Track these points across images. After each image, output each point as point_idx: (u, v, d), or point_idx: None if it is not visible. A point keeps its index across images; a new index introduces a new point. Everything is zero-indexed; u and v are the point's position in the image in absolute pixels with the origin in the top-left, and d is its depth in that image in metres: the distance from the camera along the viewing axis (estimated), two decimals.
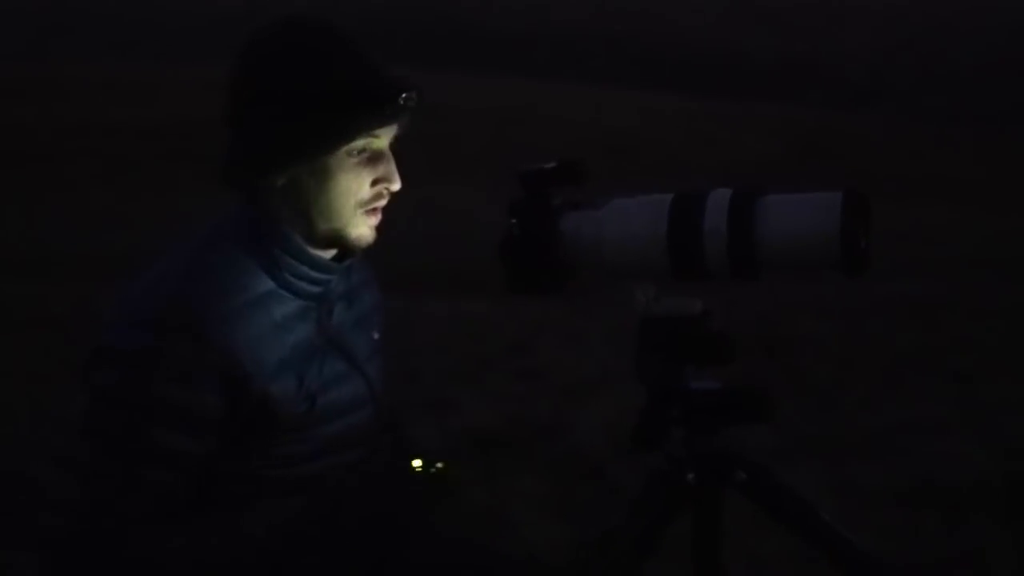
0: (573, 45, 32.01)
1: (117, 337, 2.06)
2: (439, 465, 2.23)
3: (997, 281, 9.29)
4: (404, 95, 2.09)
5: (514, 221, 2.06)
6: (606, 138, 18.33)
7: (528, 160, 2.12)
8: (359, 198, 2.12)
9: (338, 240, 2.15)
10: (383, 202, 2.16)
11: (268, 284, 2.11)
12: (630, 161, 16.78)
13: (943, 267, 10.20)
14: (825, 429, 5.59)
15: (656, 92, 23.72)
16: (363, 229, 2.14)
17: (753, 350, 6.33)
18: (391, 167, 2.14)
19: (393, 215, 2.18)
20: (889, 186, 13.31)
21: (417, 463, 2.22)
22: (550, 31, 33.24)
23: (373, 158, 2.12)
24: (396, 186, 2.15)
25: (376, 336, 2.31)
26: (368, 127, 2.09)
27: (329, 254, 2.18)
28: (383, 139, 2.13)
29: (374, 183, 2.13)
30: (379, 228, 2.18)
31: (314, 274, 2.15)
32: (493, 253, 2.09)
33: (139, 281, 2.12)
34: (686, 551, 2.09)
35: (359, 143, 2.10)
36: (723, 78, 28.01)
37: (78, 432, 2.07)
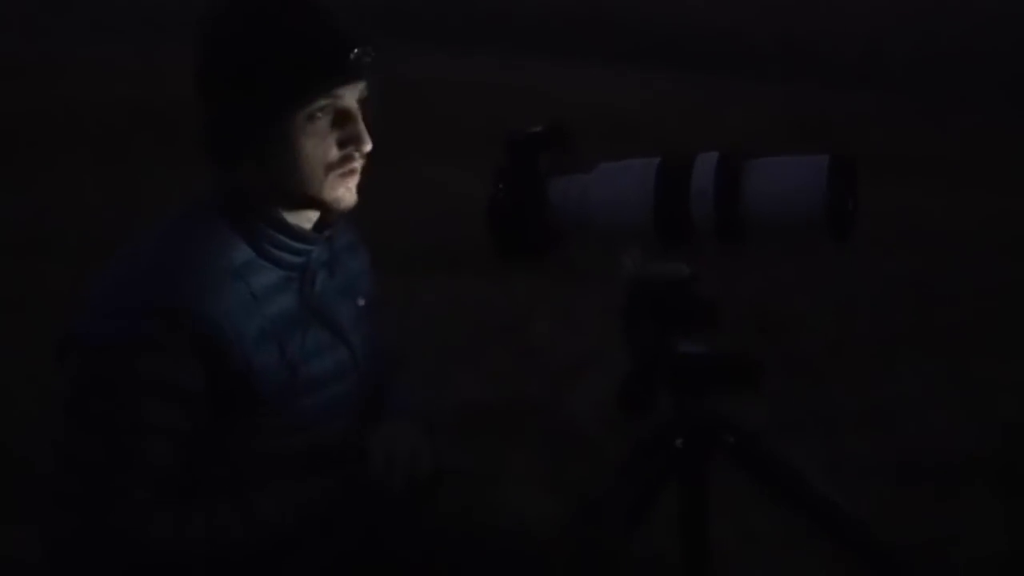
0: (571, 24, 31.91)
1: (96, 320, 2.05)
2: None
3: (992, 260, 9.30)
4: (356, 51, 2.04)
5: (501, 186, 2.06)
6: (604, 117, 18.28)
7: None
8: (327, 161, 2.09)
9: (316, 204, 2.13)
10: (356, 164, 2.12)
11: (248, 254, 2.11)
12: (627, 139, 16.75)
13: (937, 246, 10.20)
14: (818, 406, 5.60)
15: (654, 71, 23.66)
16: (339, 191, 2.12)
17: (746, 328, 6.34)
18: (358, 127, 2.10)
19: (389, 195, 2.18)
20: (885, 165, 13.27)
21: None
22: (548, 10, 33.14)
23: (339, 119, 2.09)
24: (366, 146, 2.11)
25: (361, 303, 2.30)
26: (321, 88, 2.05)
27: (310, 223, 2.18)
28: (347, 99, 2.09)
29: (342, 145, 2.09)
30: (359, 188, 2.15)
31: (294, 244, 2.14)
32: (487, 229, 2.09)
33: (115, 259, 2.11)
34: (674, 521, 2.11)
35: (319, 104, 2.06)
36: (720, 57, 27.94)
37: (65, 422, 2.05)
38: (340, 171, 2.11)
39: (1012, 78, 25.97)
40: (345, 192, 2.13)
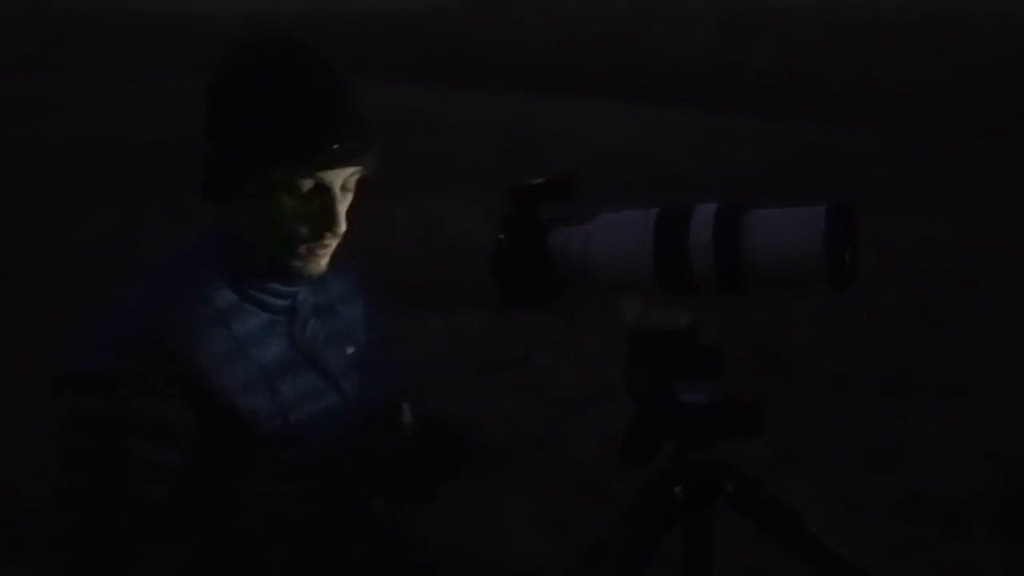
0: (573, 60, 32.07)
1: (87, 360, 2.05)
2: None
3: (993, 292, 9.31)
4: (336, 146, 2.01)
5: (502, 236, 2.06)
6: (605, 152, 18.34)
7: (527, 174, 2.13)
8: (300, 234, 2.06)
9: (282, 269, 2.10)
10: (327, 242, 2.08)
11: (231, 297, 2.10)
12: (628, 174, 16.80)
13: (939, 278, 10.21)
14: (821, 441, 5.59)
15: (654, 106, 23.77)
16: (307, 262, 2.09)
17: (749, 362, 6.34)
18: (334, 208, 2.05)
19: (391, 230, 2.17)
20: (884, 197, 13.33)
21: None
22: (550, 46, 33.30)
23: (317, 195, 2.05)
24: (340, 228, 2.06)
25: (350, 351, 2.27)
26: (303, 169, 2.02)
27: None
28: (329, 177, 2.04)
29: (317, 219, 2.05)
30: (333, 257, 2.11)
31: (279, 287, 2.13)
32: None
33: (112, 305, 2.11)
34: (677, 563, 2.10)
35: (298, 179, 2.03)
36: (720, 92, 28.07)
37: (56, 458, 2.04)
38: (308, 245, 2.08)
39: (1009, 111, 26.04)
40: (311, 263, 2.10)
